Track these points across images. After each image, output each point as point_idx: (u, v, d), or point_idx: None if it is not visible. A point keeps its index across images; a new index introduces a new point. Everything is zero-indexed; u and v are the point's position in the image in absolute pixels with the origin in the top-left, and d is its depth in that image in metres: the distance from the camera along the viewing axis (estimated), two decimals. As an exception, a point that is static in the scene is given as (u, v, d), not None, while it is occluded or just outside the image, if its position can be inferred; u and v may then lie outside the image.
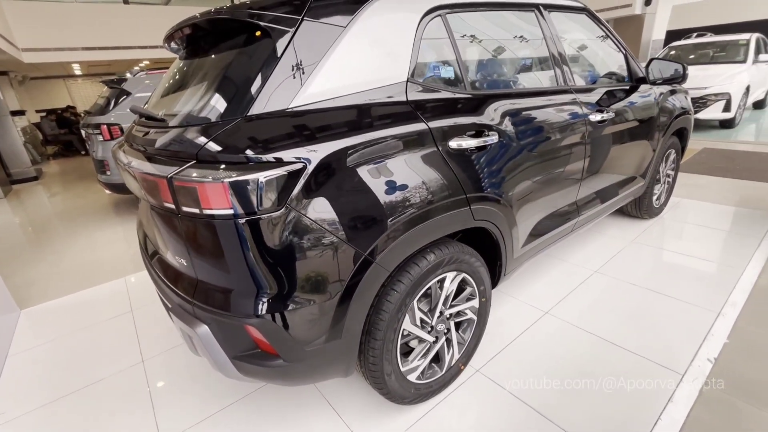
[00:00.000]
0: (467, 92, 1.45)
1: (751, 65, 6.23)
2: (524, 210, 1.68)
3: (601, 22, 2.18)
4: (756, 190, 3.67)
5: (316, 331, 1.12)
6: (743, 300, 2.06)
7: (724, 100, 5.84)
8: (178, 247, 1.14)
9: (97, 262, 3.28)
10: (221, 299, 1.08)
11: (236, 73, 1.13)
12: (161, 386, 1.79)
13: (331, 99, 1.12)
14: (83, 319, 2.40)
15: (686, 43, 7.41)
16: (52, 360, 2.05)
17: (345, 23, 1.17)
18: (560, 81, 1.86)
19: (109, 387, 1.81)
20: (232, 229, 0.99)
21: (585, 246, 2.76)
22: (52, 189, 6.54)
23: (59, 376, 1.91)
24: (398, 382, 1.39)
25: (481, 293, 1.60)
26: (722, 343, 1.78)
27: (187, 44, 1.42)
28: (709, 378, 1.60)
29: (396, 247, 1.19)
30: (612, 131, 2.11)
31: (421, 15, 1.34)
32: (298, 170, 1.00)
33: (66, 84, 13.87)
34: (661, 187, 3.02)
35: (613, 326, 1.93)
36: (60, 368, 1.98)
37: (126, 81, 4.04)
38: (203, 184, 0.95)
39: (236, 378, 1.18)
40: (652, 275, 2.36)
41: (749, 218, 3.04)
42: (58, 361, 2.04)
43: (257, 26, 1.11)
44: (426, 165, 1.25)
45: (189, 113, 1.16)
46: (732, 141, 5.61)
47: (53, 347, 2.16)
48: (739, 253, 2.53)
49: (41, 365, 2.02)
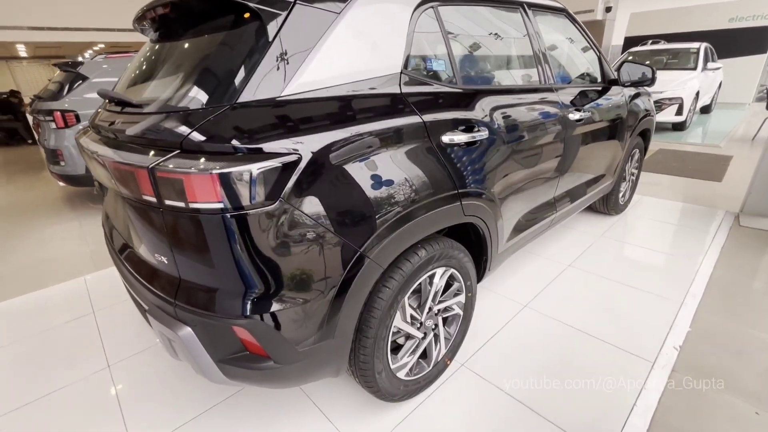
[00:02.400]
0: (458, 87, 1.45)
1: (701, 72, 6.69)
2: (509, 205, 1.70)
3: (579, 24, 2.25)
4: (704, 188, 3.96)
5: (308, 331, 1.08)
6: (702, 290, 2.21)
7: (677, 104, 6.24)
8: (157, 244, 1.06)
9: (51, 260, 3.02)
10: (207, 299, 1.01)
11: (223, 57, 1.06)
12: (131, 393, 1.67)
13: (325, 88, 1.08)
14: (37, 322, 2.20)
15: (643, 49, 7.85)
16: (9, 366, 1.86)
17: (339, 9, 1.12)
18: (544, 79, 1.89)
19: (72, 396, 1.67)
20: (221, 225, 0.93)
21: (558, 241, 2.86)
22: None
23: (13, 386, 1.74)
24: (388, 379, 1.37)
25: (467, 288, 1.61)
26: (686, 332, 1.90)
27: (163, 25, 1.32)
28: (676, 365, 1.70)
29: (391, 243, 1.16)
30: (587, 130, 2.18)
31: (414, 5, 1.31)
32: (293, 162, 0.95)
33: (9, 66, 12.72)
34: (626, 184, 3.18)
35: (587, 317, 2.01)
36: (13, 377, 1.80)
37: (82, 65, 3.73)
38: (190, 175, 0.88)
39: (222, 382, 1.12)
40: (620, 268, 2.48)
41: (701, 214, 3.27)
42: (11, 369, 1.86)
43: (246, 7, 1.04)
44: (421, 159, 1.23)
45: (169, 99, 1.07)
46: (683, 143, 6.01)
47: (10, 352, 1.96)
48: (696, 246, 2.72)
49: None
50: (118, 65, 3.91)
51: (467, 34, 1.60)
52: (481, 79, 1.68)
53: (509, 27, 1.81)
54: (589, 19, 10.27)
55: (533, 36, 1.85)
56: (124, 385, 1.71)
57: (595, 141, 2.33)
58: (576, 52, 2.35)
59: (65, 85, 3.70)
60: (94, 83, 3.75)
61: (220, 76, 1.03)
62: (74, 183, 3.84)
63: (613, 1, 10.20)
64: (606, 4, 10.22)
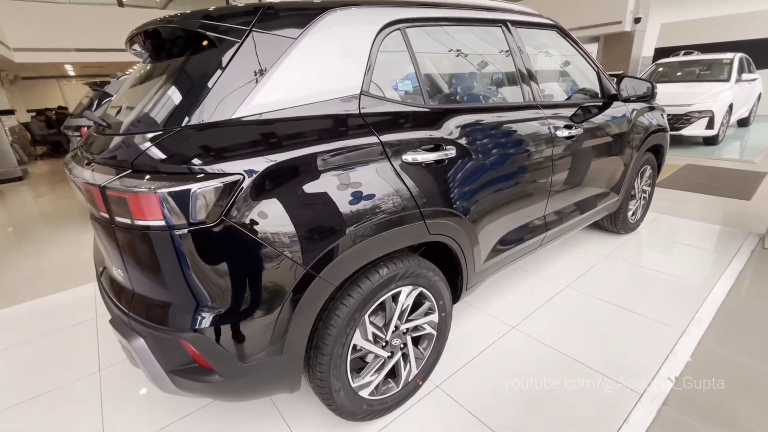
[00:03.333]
0: (425, 106, 1.45)
1: (734, 84, 6.33)
2: (485, 225, 1.67)
3: (573, 39, 2.21)
4: (734, 207, 3.70)
5: (254, 347, 1.09)
6: (709, 318, 2.06)
7: (707, 117, 5.92)
8: (115, 258, 1.12)
9: (72, 265, 3.22)
10: (155, 312, 1.05)
11: (180, 82, 1.12)
12: (114, 397, 1.75)
13: (278, 110, 1.11)
14: (47, 324, 2.35)
15: (672, 60, 7.54)
16: (11, 367, 2.00)
17: (296, 35, 1.17)
18: (526, 96, 1.86)
19: (60, 397, 1.76)
20: (166, 241, 0.97)
21: (558, 260, 2.75)
22: (37, 190, 6.46)
23: (11, 385, 1.86)
24: (348, 398, 1.36)
25: (440, 308, 1.59)
26: (685, 362, 1.77)
27: (145, 49, 1.41)
28: (668, 398, 1.59)
29: (342, 261, 1.17)
30: (581, 147, 2.11)
31: (378, 28, 1.34)
32: (234, 182, 0.98)
33: (59, 84, 13.82)
34: (636, 202, 3.03)
35: (578, 343, 1.92)
36: (14, 376, 1.93)
37: (108, 84, 4.02)
38: (134, 194, 0.93)
39: (173, 393, 1.15)
40: (622, 291, 2.36)
41: (724, 236, 3.06)
42: (13, 369, 1.99)
43: (204, 36, 1.10)
44: (376, 179, 1.24)
45: (134, 120, 1.15)
46: (714, 158, 5.68)
47: (11, 354, 2.11)
48: (710, 271, 2.54)
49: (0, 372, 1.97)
50: (143, 84, 4.18)
51: (438, 54, 1.61)
52: (452, 98, 1.67)
53: (487, 45, 1.80)
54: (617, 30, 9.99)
55: (515, 52, 1.83)
56: (109, 389, 1.79)
57: (591, 158, 2.25)
58: (569, 68, 2.29)
59: (94, 102, 3.99)
60: (119, 101, 4.02)
61: (176, 99, 1.09)
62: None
63: (642, 12, 9.89)
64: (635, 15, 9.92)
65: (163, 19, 1.17)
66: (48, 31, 8.11)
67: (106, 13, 8.91)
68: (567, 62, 2.27)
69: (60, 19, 8.24)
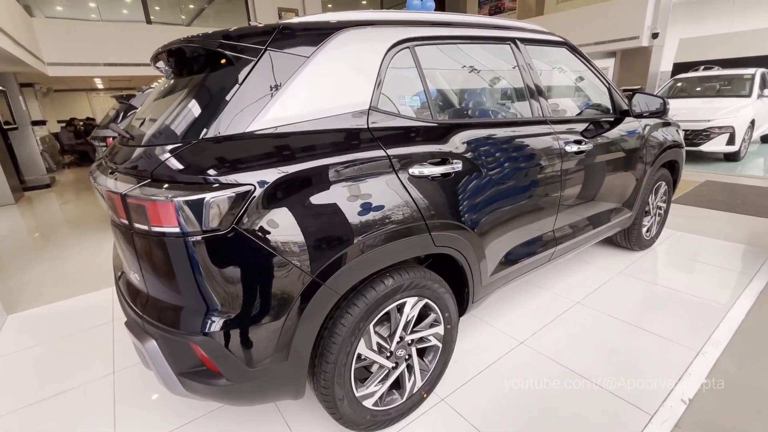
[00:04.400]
0: (432, 121, 1.49)
1: (756, 99, 6.21)
2: (492, 238, 1.68)
3: (583, 56, 2.23)
4: (755, 225, 3.59)
5: (260, 352, 1.13)
6: (727, 339, 2.00)
7: (728, 133, 5.80)
8: (132, 263, 1.17)
9: (93, 269, 3.34)
10: (167, 315, 1.10)
11: (201, 96, 1.19)
12: (127, 398, 1.79)
13: (290, 125, 1.16)
14: (67, 326, 2.44)
15: (691, 75, 7.45)
16: (27, 367, 2.08)
17: (308, 53, 1.23)
18: (535, 112, 1.88)
19: (76, 397, 1.82)
20: (180, 247, 1.02)
21: (570, 275, 2.72)
22: (63, 197, 6.73)
23: (33, 383, 1.93)
24: (351, 407, 1.37)
25: (446, 320, 1.59)
26: (699, 384, 1.72)
27: (169, 66, 1.49)
28: (680, 420, 1.54)
29: (347, 271, 1.20)
30: (590, 162, 2.11)
31: (387, 47, 1.39)
32: (246, 192, 1.03)
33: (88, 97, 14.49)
34: (651, 219, 2.98)
35: (588, 360, 1.88)
36: (35, 375, 2.00)
37: (134, 97, 4.21)
38: (152, 202, 0.99)
39: (182, 395, 1.19)
40: (635, 309, 2.31)
41: (744, 254, 2.97)
42: (33, 368, 2.07)
43: (222, 54, 1.16)
44: (382, 191, 1.27)
45: (155, 133, 1.21)
46: (735, 174, 5.54)
47: (31, 354, 2.19)
48: (729, 290, 2.47)
49: (18, 371, 2.04)
50: (166, 97, 4.37)
51: (445, 71, 1.65)
52: (460, 114, 1.71)
53: (495, 62, 1.84)
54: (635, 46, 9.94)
55: (524, 69, 1.86)
56: (123, 391, 1.84)
57: (602, 173, 2.24)
58: (579, 84, 2.31)
59: (119, 114, 4.18)
60: (144, 113, 4.20)
61: (195, 113, 1.15)
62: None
63: (660, 27, 9.83)
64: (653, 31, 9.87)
65: (186, 38, 1.24)
66: (80, 46, 8.57)
67: (135, 30, 9.37)
68: (577, 78, 2.29)
69: (91, 36, 8.70)
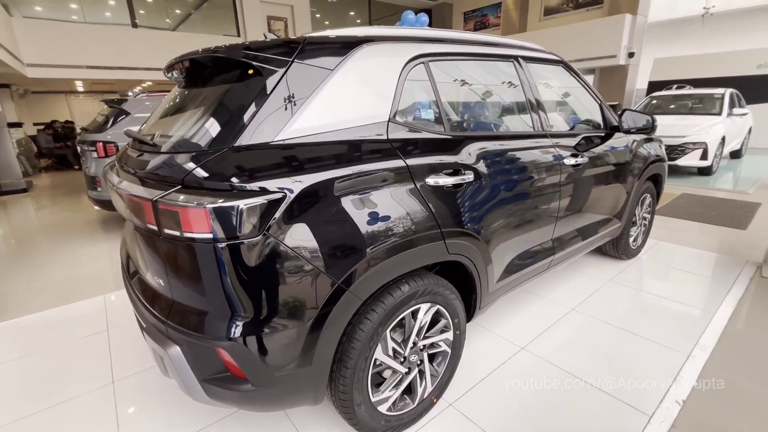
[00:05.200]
0: (446, 133, 1.55)
1: (726, 117, 6.59)
2: (499, 246, 1.74)
3: (577, 74, 2.35)
4: (730, 235, 3.81)
5: (286, 357, 1.14)
6: (713, 344, 2.12)
7: (701, 148, 6.13)
8: (157, 268, 1.17)
9: (79, 277, 3.24)
10: (194, 321, 1.10)
11: (227, 105, 1.21)
12: (129, 409, 1.75)
13: (315, 135, 1.20)
14: (58, 335, 2.36)
15: (666, 93, 7.85)
16: (20, 377, 2.00)
17: (333, 66, 1.27)
18: (536, 126, 1.98)
19: (75, 408, 1.77)
20: (211, 253, 1.04)
21: (564, 283, 2.82)
22: (41, 202, 6.49)
23: (26, 395, 1.86)
24: (368, 412, 1.39)
25: (455, 326, 1.64)
26: (691, 386, 1.81)
27: (185, 75, 1.51)
28: (676, 420, 1.62)
29: (370, 277, 1.23)
30: (586, 175, 2.22)
31: (405, 61, 1.45)
32: (278, 200, 1.06)
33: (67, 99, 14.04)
34: (637, 229, 3.13)
35: (586, 364, 1.96)
36: (28, 386, 1.93)
37: (126, 101, 4.14)
38: (186, 208, 1.00)
39: (204, 401, 1.18)
40: (627, 315, 2.41)
41: (723, 263, 3.14)
42: (27, 378, 1.99)
43: (251, 65, 1.20)
44: (402, 200, 1.32)
45: (180, 140, 1.23)
46: (709, 188, 5.84)
47: (23, 364, 2.11)
48: (711, 297, 2.61)
49: (9, 382, 1.97)
50: (157, 102, 4.32)
51: (457, 85, 1.73)
52: (470, 126, 1.78)
53: (501, 78, 1.93)
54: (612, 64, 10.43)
55: (526, 85, 1.96)
56: (124, 401, 1.80)
57: (596, 185, 2.35)
58: (574, 100, 2.43)
59: (110, 119, 4.11)
60: (135, 118, 4.14)
61: (223, 122, 1.17)
62: (108, 207, 4.15)
63: (636, 47, 10.36)
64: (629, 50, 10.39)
65: (211, 49, 1.27)
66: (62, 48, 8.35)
67: (120, 33, 9.20)
68: (572, 95, 2.41)
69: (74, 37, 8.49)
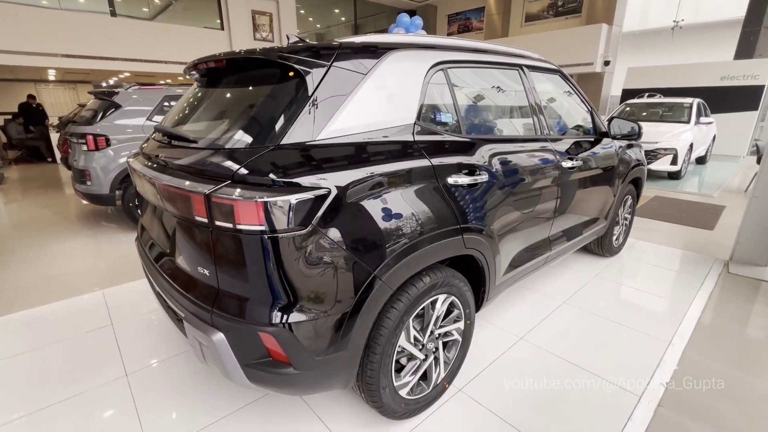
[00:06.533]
0: (463, 136, 1.66)
1: (693, 125, 7.05)
2: (506, 242, 1.88)
3: (572, 82, 2.52)
4: (700, 235, 4.12)
5: (326, 342, 1.22)
6: (690, 332, 2.33)
7: (672, 154, 6.54)
8: (200, 258, 1.23)
9: (70, 273, 3.17)
10: (241, 308, 1.17)
11: (269, 106, 1.28)
12: (147, 399, 1.78)
13: (351, 135, 1.29)
14: (60, 331, 2.33)
15: (640, 101, 8.29)
16: (24, 373, 1.98)
17: (365, 71, 1.36)
18: (538, 130, 2.13)
19: (93, 399, 1.78)
20: (260, 244, 1.10)
21: (555, 279, 3.00)
22: (16, 195, 6.21)
23: (39, 388, 1.85)
24: (391, 396, 1.49)
25: (466, 316, 1.75)
26: (673, 369, 2.00)
27: (215, 75, 1.56)
28: (662, 400, 1.80)
29: (400, 268, 1.33)
30: (579, 177, 2.39)
31: (428, 67, 1.55)
32: (323, 195, 1.14)
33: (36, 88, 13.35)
34: (619, 228, 3.35)
35: (579, 351, 2.12)
36: (39, 380, 1.92)
37: (117, 94, 4.05)
38: (241, 201, 1.07)
39: (244, 386, 1.25)
40: (613, 307, 2.61)
41: (693, 260, 3.42)
42: (36, 372, 1.97)
43: (292, 68, 1.26)
44: (428, 197, 1.42)
45: (221, 137, 1.28)
46: (679, 191, 6.25)
47: (25, 360, 2.08)
48: (686, 290, 2.85)
49: (12, 379, 1.94)
50: (147, 96, 4.24)
51: (471, 91, 1.85)
52: (483, 130, 1.90)
53: (509, 85, 2.07)
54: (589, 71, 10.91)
55: (530, 92, 2.10)
56: (141, 392, 1.82)
57: (587, 186, 2.53)
58: (569, 107, 2.60)
59: (99, 112, 4.00)
60: (126, 111, 4.05)
61: (265, 122, 1.24)
62: (97, 202, 4.06)
63: (611, 56, 10.88)
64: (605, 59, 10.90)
65: (250, 50, 1.33)
66: (36, 34, 7.98)
67: (97, 22, 8.86)
68: (567, 102, 2.58)
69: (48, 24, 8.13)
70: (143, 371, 1.97)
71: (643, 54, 15.53)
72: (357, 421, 1.65)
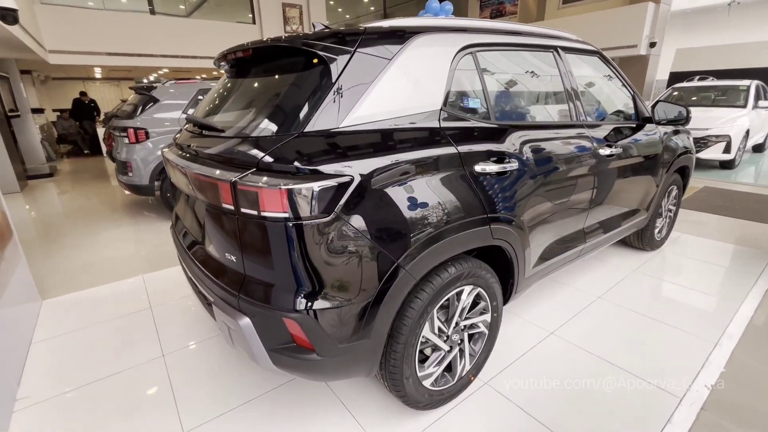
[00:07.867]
0: (492, 122, 1.60)
1: (751, 110, 6.48)
2: (536, 233, 1.80)
3: (612, 65, 2.36)
4: (753, 229, 3.80)
5: (348, 330, 1.23)
6: (740, 333, 2.16)
7: (725, 141, 6.05)
8: (228, 245, 1.26)
9: (114, 259, 3.38)
10: (266, 294, 1.19)
11: (293, 94, 1.28)
12: (181, 380, 1.87)
13: (376, 122, 1.26)
14: (103, 312, 2.49)
15: (689, 85, 7.71)
16: (74, 350, 2.13)
17: (390, 56, 1.32)
18: (574, 116, 2.01)
19: (131, 378, 1.89)
20: (284, 231, 1.11)
21: (588, 272, 2.87)
22: (67, 186, 6.67)
23: (82, 365, 1.99)
24: (415, 386, 1.48)
25: (493, 308, 1.71)
26: (719, 372, 1.87)
27: (242, 65, 1.57)
28: (705, 403, 1.68)
29: (424, 258, 1.30)
30: (619, 165, 2.25)
31: (455, 51, 1.50)
32: (346, 182, 1.13)
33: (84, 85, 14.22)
34: (662, 221, 3.15)
35: (615, 349, 2.02)
36: (83, 358, 2.06)
37: (155, 89, 4.22)
38: (265, 189, 1.08)
39: (270, 369, 1.28)
40: (653, 304, 2.46)
41: (746, 256, 3.16)
42: (81, 351, 2.12)
43: (316, 55, 1.25)
44: (454, 185, 1.38)
45: (245, 127, 1.30)
46: (731, 182, 5.79)
47: (75, 338, 2.24)
48: (736, 288, 2.64)
49: (64, 354, 2.10)
50: (183, 90, 4.39)
51: (502, 76, 1.77)
52: (513, 116, 1.82)
53: (542, 68, 1.96)
54: (633, 54, 10.24)
55: (565, 76, 1.99)
56: (177, 372, 1.91)
57: (627, 176, 2.38)
58: (609, 91, 2.45)
59: (139, 106, 4.20)
60: (163, 105, 4.22)
61: (289, 110, 1.24)
62: (138, 192, 4.28)
63: (658, 37, 10.14)
64: (651, 40, 10.17)
65: (275, 38, 1.33)
66: (83, 34, 8.46)
67: (138, 20, 9.27)
68: (607, 85, 2.43)
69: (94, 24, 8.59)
70: (179, 352, 2.07)
71: (692, 34, 14.39)
72: (381, 410, 1.66)
